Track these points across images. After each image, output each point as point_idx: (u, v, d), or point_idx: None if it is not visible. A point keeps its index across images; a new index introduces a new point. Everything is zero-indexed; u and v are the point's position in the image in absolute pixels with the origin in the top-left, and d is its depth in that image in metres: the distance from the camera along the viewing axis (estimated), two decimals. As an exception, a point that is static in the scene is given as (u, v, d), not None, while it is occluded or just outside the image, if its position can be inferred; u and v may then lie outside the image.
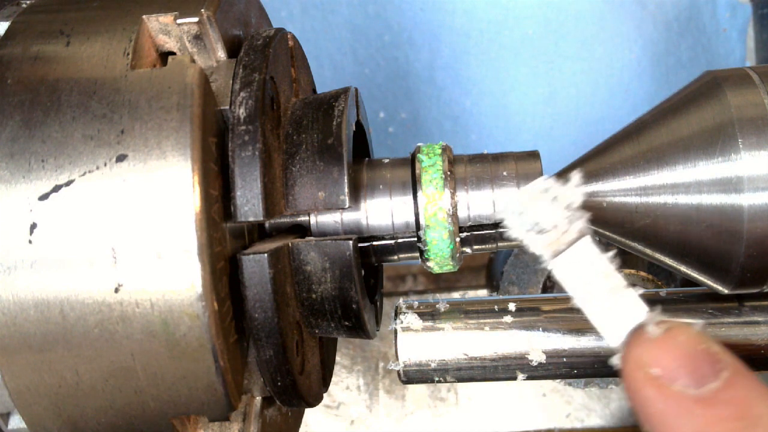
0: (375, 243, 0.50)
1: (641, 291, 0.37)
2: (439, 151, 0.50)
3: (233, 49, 0.47)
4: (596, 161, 0.47)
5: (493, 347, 0.51)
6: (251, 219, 0.42)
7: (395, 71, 0.97)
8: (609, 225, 0.47)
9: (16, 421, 0.45)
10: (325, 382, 0.52)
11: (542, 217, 0.37)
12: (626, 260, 0.70)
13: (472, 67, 0.96)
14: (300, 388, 0.45)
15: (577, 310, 0.38)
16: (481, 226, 0.50)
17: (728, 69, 0.48)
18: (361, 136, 0.54)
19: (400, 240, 0.50)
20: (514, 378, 0.52)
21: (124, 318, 0.40)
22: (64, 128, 0.41)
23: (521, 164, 0.50)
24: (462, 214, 0.49)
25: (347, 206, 0.46)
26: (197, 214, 0.39)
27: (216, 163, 0.42)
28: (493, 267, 0.80)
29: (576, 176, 0.37)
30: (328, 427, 0.92)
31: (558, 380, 0.83)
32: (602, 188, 0.46)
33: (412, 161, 0.50)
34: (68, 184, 0.40)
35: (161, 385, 0.41)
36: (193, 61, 0.45)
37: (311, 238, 0.47)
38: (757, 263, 0.45)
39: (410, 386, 0.90)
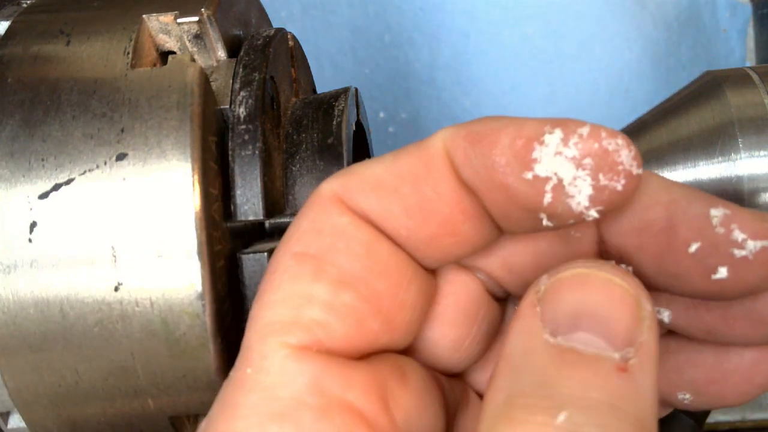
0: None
1: None
2: (439, 150, 0.50)
3: (233, 48, 0.47)
4: (596, 161, 0.47)
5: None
6: (251, 218, 0.42)
7: (395, 71, 0.97)
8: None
9: (15, 421, 0.45)
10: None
11: None
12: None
13: (472, 67, 0.96)
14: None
15: None
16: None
17: (728, 69, 0.48)
18: (361, 136, 0.54)
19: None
20: None
21: (123, 317, 0.40)
22: (65, 127, 0.41)
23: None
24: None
25: (347, 206, 0.46)
26: (197, 213, 0.39)
27: (216, 162, 0.42)
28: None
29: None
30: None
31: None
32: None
33: (412, 161, 0.50)
34: (68, 182, 0.40)
35: (161, 384, 0.41)
36: (193, 60, 0.45)
37: (311, 237, 0.47)
38: (756, 263, 0.45)
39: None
